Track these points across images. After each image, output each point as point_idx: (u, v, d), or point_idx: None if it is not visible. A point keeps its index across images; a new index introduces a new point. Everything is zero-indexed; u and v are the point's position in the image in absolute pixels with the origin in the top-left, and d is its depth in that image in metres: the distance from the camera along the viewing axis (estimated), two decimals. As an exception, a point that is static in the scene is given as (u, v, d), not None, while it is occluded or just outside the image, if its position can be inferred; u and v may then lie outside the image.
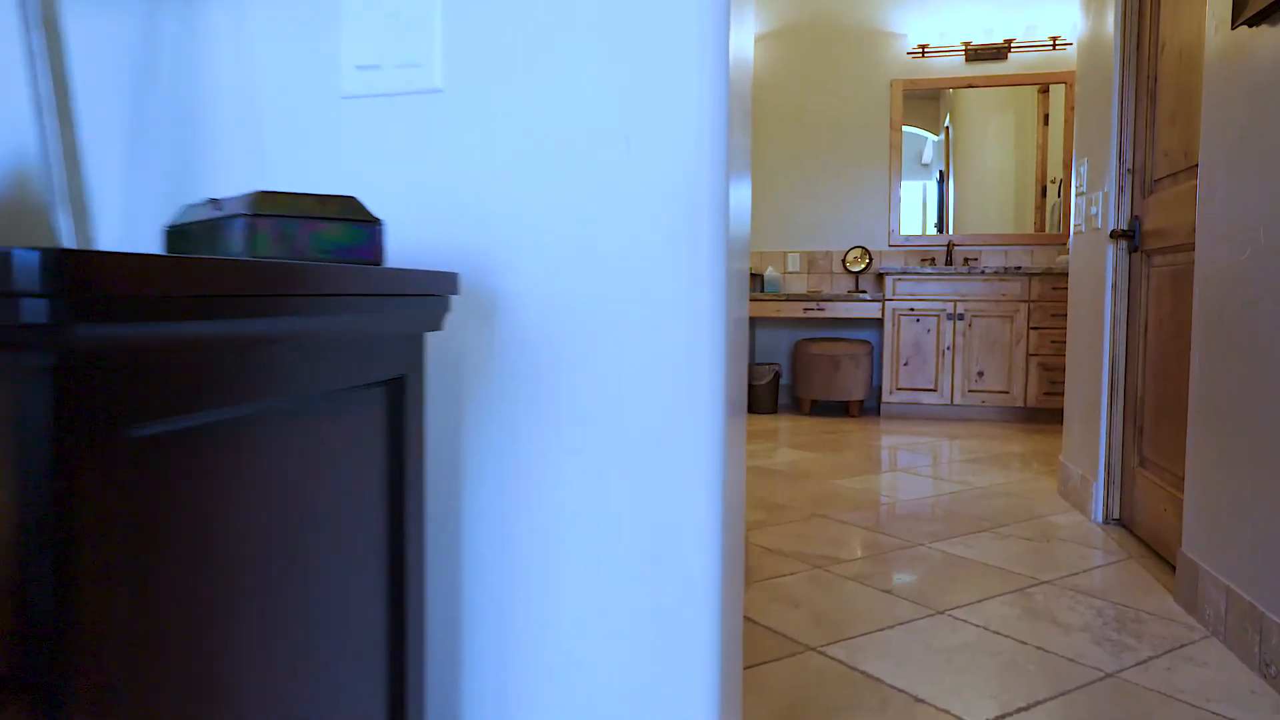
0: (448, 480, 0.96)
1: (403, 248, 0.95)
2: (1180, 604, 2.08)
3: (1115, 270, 2.82)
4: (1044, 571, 2.34)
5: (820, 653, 1.80)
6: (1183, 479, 2.30)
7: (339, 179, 0.97)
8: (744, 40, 1.23)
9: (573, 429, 0.93)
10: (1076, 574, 2.32)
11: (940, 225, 5.61)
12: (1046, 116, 5.44)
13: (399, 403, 0.80)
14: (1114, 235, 2.75)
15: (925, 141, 5.63)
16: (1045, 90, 5.42)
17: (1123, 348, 2.81)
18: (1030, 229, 5.48)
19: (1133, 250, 2.76)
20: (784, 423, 5.07)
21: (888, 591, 2.17)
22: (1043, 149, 5.44)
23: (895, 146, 5.62)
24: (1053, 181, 5.44)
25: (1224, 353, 1.92)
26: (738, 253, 1.10)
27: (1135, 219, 2.74)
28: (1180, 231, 2.36)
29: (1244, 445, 1.81)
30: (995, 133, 5.54)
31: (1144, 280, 2.68)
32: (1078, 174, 3.17)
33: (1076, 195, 3.18)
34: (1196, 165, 2.28)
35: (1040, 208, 5.46)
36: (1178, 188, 2.41)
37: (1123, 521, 2.80)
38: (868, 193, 5.69)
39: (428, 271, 0.78)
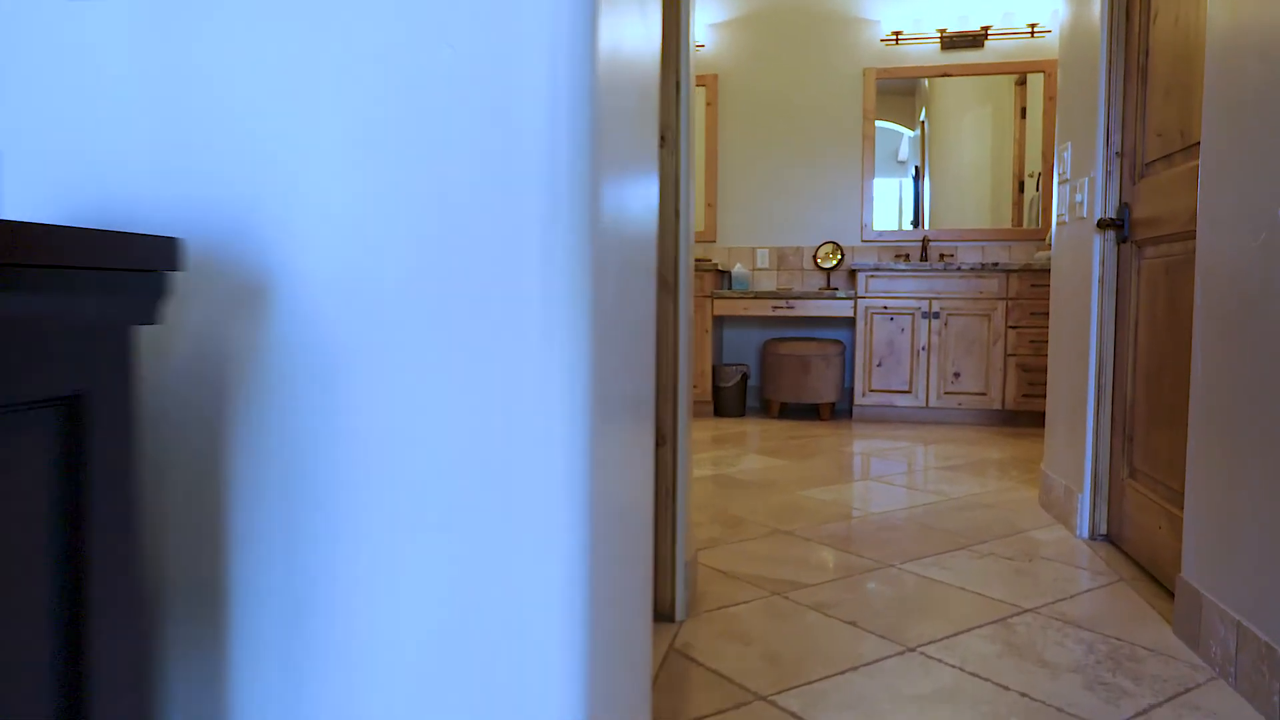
0: (205, 541, 0.69)
1: (128, 205, 0.68)
2: (1180, 637, 1.84)
3: (1102, 263, 2.58)
4: (1027, 597, 2.09)
5: (771, 703, 1.55)
6: (1179, 493, 2.06)
7: (34, 96, 0.69)
8: (645, 13, 0.99)
9: (380, 456, 0.67)
10: (1063, 600, 2.08)
11: (915, 221, 5.39)
12: (1024, 109, 5.23)
13: (77, 434, 0.53)
14: (1101, 225, 2.52)
15: (901, 138, 5.40)
16: (1022, 82, 5.22)
17: (1110, 347, 2.58)
18: (1008, 224, 5.27)
19: (1121, 241, 2.53)
20: (751, 426, 4.82)
21: (853, 623, 1.92)
22: (1020, 143, 5.24)
23: (868, 137, 5.39)
24: (1030, 175, 5.23)
25: (1231, 350, 1.68)
26: (626, 238, 0.84)
27: (1124, 206, 2.50)
28: (1177, 218, 2.13)
29: (1256, 455, 1.57)
30: (971, 126, 5.32)
31: (1134, 273, 2.44)
32: (1060, 160, 2.93)
33: (1059, 183, 2.94)
34: (1196, 144, 2.04)
35: (1018, 203, 5.26)
36: (1173, 170, 2.18)
37: (1111, 538, 2.56)
38: (840, 186, 5.45)
39: (108, 233, 0.51)
